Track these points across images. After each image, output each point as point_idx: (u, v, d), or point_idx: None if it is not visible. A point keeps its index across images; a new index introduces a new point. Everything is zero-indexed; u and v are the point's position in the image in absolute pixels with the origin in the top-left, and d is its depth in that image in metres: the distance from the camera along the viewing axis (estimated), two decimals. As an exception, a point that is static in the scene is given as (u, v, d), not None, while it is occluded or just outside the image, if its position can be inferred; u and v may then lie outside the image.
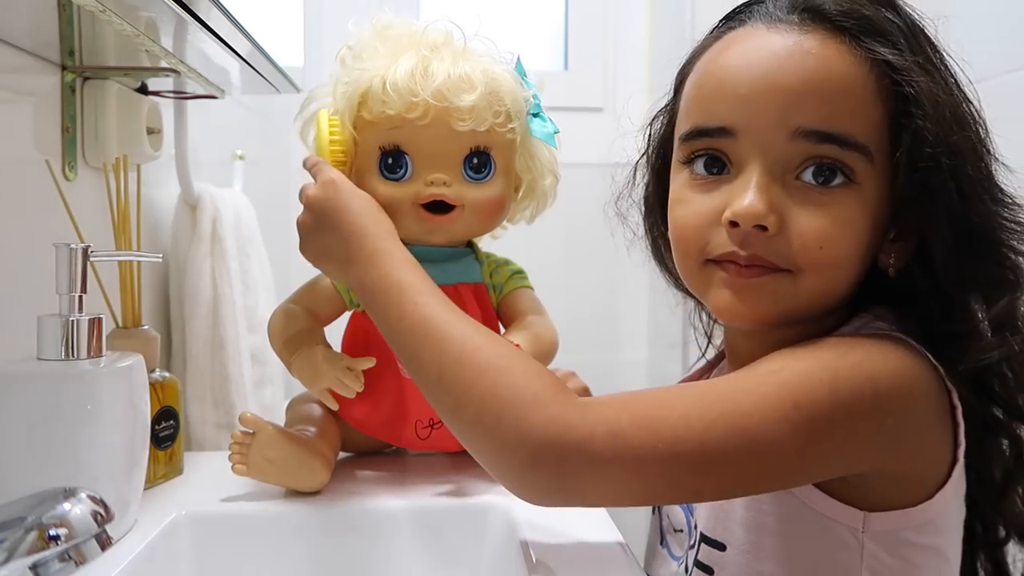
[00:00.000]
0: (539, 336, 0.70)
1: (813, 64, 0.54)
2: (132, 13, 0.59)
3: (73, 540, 0.37)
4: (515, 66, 0.70)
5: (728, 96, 0.56)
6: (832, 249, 0.55)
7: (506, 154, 0.70)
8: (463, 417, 0.52)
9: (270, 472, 0.64)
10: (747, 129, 0.55)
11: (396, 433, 0.73)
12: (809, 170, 0.54)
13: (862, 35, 0.55)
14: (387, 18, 0.69)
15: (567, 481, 0.49)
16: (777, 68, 0.55)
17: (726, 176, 0.57)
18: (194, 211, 0.88)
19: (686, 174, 0.59)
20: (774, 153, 0.55)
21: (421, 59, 0.65)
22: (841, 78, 0.54)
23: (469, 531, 0.63)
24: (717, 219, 0.56)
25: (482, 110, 0.65)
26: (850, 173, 0.54)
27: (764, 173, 0.54)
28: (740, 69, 0.56)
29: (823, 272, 0.55)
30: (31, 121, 0.67)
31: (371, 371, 0.67)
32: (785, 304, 0.56)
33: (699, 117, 0.58)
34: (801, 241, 0.54)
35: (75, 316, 0.53)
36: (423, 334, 0.54)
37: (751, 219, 0.54)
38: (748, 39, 0.57)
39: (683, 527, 0.65)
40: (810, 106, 0.54)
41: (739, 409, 0.50)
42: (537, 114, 0.70)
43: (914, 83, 0.54)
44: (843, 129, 0.53)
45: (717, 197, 0.56)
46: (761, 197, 0.54)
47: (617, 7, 1.79)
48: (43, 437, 0.51)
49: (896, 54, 0.54)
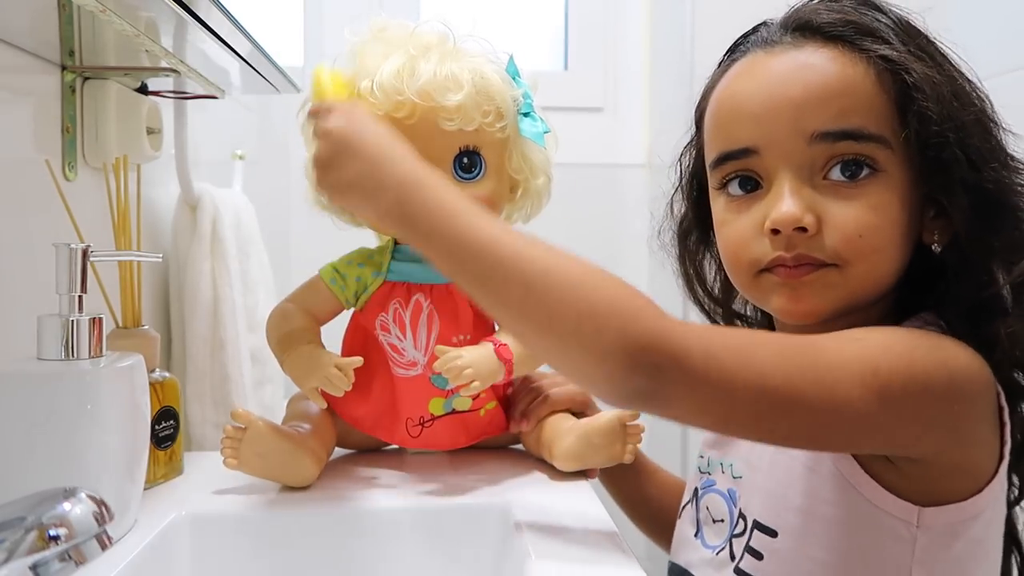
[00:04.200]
0: None
1: (813, 73, 0.59)
2: (132, 13, 0.59)
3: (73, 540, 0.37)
4: (507, 66, 0.70)
5: (744, 119, 0.61)
6: (871, 236, 0.58)
7: (497, 153, 0.70)
8: (558, 329, 0.50)
9: (260, 466, 0.64)
10: (768, 144, 0.60)
11: (389, 431, 0.73)
12: (835, 168, 0.59)
13: (854, 37, 0.60)
14: (383, 20, 0.70)
15: (660, 388, 0.49)
16: (782, 84, 0.60)
17: (760, 192, 0.62)
18: (194, 211, 0.88)
19: (723, 198, 0.64)
20: (797, 160, 0.59)
21: (408, 59, 0.66)
22: (842, 79, 0.59)
23: (469, 531, 0.63)
24: (759, 232, 0.60)
25: (470, 109, 0.66)
26: (873, 163, 0.59)
27: (793, 180, 0.59)
28: (749, 92, 0.62)
29: (867, 259, 0.59)
30: (31, 121, 0.67)
31: (365, 369, 0.68)
32: (839, 294, 0.60)
33: (722, 144, 0.63)
34: (840, 233, 0.58)
35: (75, 316, 0.53)
36: (495, 255, 0.51)
37: (790, 223, 0.58)
38: (751, 66, 0.63)
39: (724, 517, 0.67)
40: (819, 110, 0.58)
41: (822, 361, 0.52)
42: (528, 113, 0.70)
43: (910, 70, 0.58)
44: (854, 125, 0.58)
45: (756, 212, 0.61)
46: (794, 201, 0.58)
47: (617, 7, 1.79)
48: (43, 437, 0.51)
49: (889, 47, 0.59)
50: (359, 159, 0.56)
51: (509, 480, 0.69)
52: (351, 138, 0.57)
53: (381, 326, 0.71)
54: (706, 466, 0.71)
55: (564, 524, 0.60)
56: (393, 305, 0.70)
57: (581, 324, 0.50)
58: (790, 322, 0.63)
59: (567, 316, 0.50)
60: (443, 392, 0.71)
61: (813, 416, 0.52)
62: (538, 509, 0.62)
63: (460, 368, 0.63)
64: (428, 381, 0.70)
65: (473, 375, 0.64)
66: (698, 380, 0.49)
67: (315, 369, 0.66)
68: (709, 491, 0.69)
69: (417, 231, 0.54)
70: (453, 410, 0.72)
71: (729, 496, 0.67)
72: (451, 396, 0.71)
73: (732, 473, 0.67)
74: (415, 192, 0.54)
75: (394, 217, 0.55)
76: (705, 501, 0.69)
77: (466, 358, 0.64)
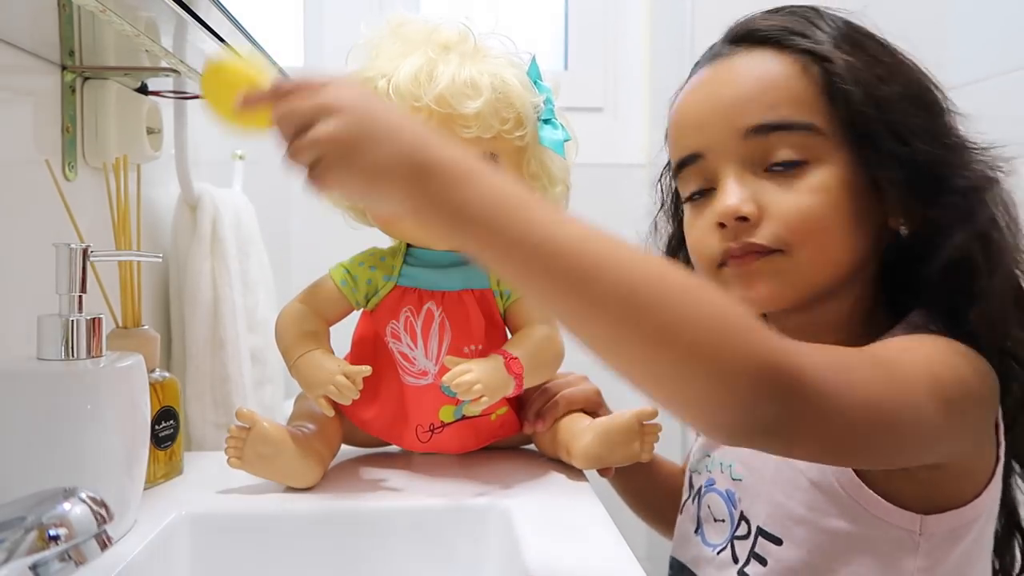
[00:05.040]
0: (540, 349, 0.69)
1: (744, 72, 0.62)
2: (132, 13, 0.59)
3: (73, 540, 0.37)
4: (528, 68, 0.68)
5: (688, 127, 0.65)
6: (813, 219, 0.60)
7: (515, 161, 0.68)
8: (672, 346, 0.41)
9: (263, 467, 0.64)
10: (708, 146, 0.62)
11: (398, 435, 0.73)
12: (777, 162, 0.60)
13: (782, 37, 0.62)
14: (401, 15, 0.67)
15: (788, 417, 0.44)
16: (716, 87, 0.63)
17: (710, 194, 0.64)
18: (194, 211, 0.88)
19: (688, 206, 0.67)
20: (736, 156, 0.61)
21: (427, 61, 0.64)
22: (769, 75, 0.61)
23: (469, 531, 0.63)
24: (712, 229, 0.63)
25: (488, 116, 0.64)
26: (808, 150, 0.60)
27: (734, 175, 0.61)
28: (691, 102, 0.65)
29: (812, 242, 0.60)
30: (31, 121, 0.67)
31: (374, 372, 0.67)
32: (791, 280, 0.61)
33: (676, 153, 0.66)
34: (781, 218, 0.60)
35: (75, 316, 0.53)
36: (589, 256, 0.42)
37: (731, 214, 0.60)
38: (697, 80, 0.66)
39: (724, 517, 0.68)
40: (748, 107, 0.61)
41: (898, 374, 0.51)
42: (548, 120, 0.68)
43: (833, 58, 0.60)
44: (781, 116, 0.60)
45: (708, 212, 0.63)
46: (733, 193, 0.60)
47: (617, 7, 1.79)
48: (43, 437, 0.51)
49: (811, 42, 0.61)
50: (393, 138, 0.44)
51: (512, 481, 0.69)
52: (376, 113, 0.45)
53: (392, 334, 0.70)
54: (710, 465, 0.71)
55: (565, 524, 0.60)
56: (404, 313, 0.69)
57: (702, 339, 0.41)
58: (759, 310, 0.64)
59: (684, 330, 0.41)
60: (453, 400, 0.70)
61: (899, 432, 0.50)
62: (539, 509, 0.62)
63: (469, 384, 0.63)
64: (439, 390, 0.69)
65: (482, 390, 0.63)
66: (819, 408, 0.45)
67: (323, 376, 0.65)
68: (710, 490, 0.70)
69: (476, 224, 0.43)
70: (464, 416, 0.72)
71: (728, 497, 0.68)
72: (461, 403, 0.69)
73: (731, 474, 0.68)
74: (472, 177, 0.43)
75: (442, 208, 0.44)
76: (706, 500, 0.70)
77: (475, 372, 0.63)
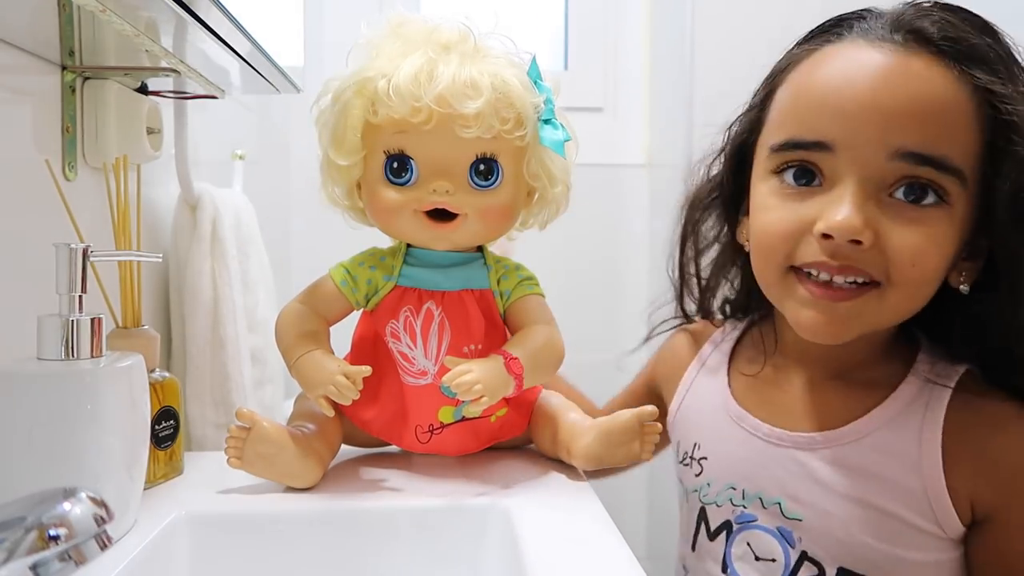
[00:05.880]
0: (540, 350, 0.69)
1: (917, 86, 0.55)
2: (132, 13, 0.59)
3: (73, 540, 0.37)
4: (529, 68, 0.68)
5: (829, 111, 0.57)
6: (923, 266, 0.56)
7: (515, 160, 0.68)
8: None
9: (263, 467, 0.64)
10: (846, 145, 0.56)
11: (398, 436, 0.73)
12: (901, 188, 0.55)
13: (964, 61, 0.55)
14: (401, 15, 0.67)
15: None
16: (882, 87, 0.55)
17: (817, 188, 0.58)
18: (194, 211, 0.88)
19: (774, 183, 0.60)
20: (871, 170, 0.55)
21: (427, 61, 0.63)
22: (943, 102, 0.55)
23: (469, 531, 0.63)
24: (806, 229, 0.57)
25: (488, 116, 0.63)
26: (943, 195, 0.55)
27: (859, 189, 0.55)
28: (843, 85, 0.56)
29: (911, 288, 0.57)
30: (31, 121, 0.67)
31: (374, 372, 0.67)
32: (869, 322, 0.59)
33: (796, 129, 0.59)
34: (895, 255, 0.56)
35: (75, 316, 0.53)
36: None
37: (848, 233, 0.55)
38: (849, 54, 0.58)
39: (776, 557, 0.64)
40: (912, 128, 0.54)
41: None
42: (548, 120, 0.67)
43: (1016, 112, 0.54)
44: (942, 153, 0.54)
45: (808, 207, 0.57)
46: (857, 212, 0.55)
47: (617, 7, 1.79)
48: (43, 437, 0.51)
49: (998, 82, 0.55)
50: None
51: (512, 481, 0.69)
52: None
53: (391, 334, 0.70)
54: (737, 499, 0.68)
55: (565, 524, 0.60)
56: (404, 313, 0.69)
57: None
58: (805, 337, 0.61)
59: None
60: (453, 400, 0.69)
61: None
62: (539, 509, 0.62)
63: (469, 384, 0.62)
64: (438, 390, 0.69)
65: (482, 391, 0.63)
66: None
67: (322, 377, 0.65)
68: (750, 527, 0.66)
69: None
70: (463, 418, 0.71)
71: (782, 535, 0.64)
72: (461, 404, 0.69)
73: (784, 512, 0.65)
74: None
75: None
76: (743, 537, 0.66)
77: (475, 373, 0.63)
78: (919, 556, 0.61)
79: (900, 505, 0.61)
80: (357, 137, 0.66)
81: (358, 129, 0.66)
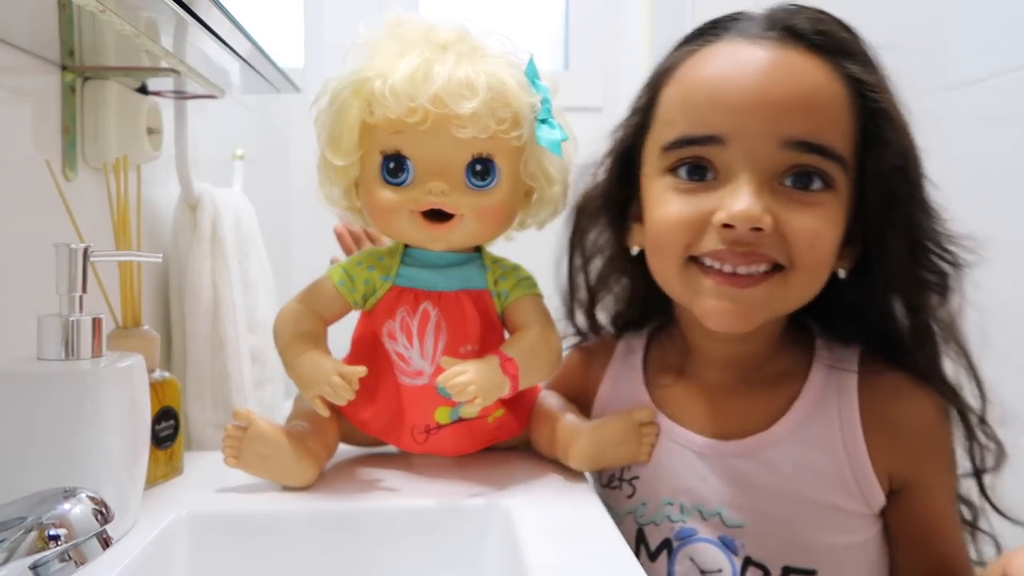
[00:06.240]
0: (536, 350, 0.69)
1: (799, 78, 0.58)
2: (132, 13, 0.59)
3: (73, 540, 0.37)
4: (527, 68, 0.68)
5: (719, 105, 0.59)
6: (821, 247, 0.59)
7: (512, 161, 0.67)
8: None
9: (259, 466, 0.64)
10: (738, 137, 0.58)
11: (395, 436, 0.73)
12: (791, 176, 0.58)
13: (836, 54, 0.59)
14: (399, 15, 0.67)
15: None
16: (768, 80, 0.58)
17: (711, 182, 0.60)
18: (194, 211, 0.88)
19: (668, 180, 0.62)
20: (762, 160, 0.58)
21: (423, 61, 0.63)
22: (823, 92, 0.58)
23: (469, 531, 0.63)
24: (705, 220, 0.59)
25: (484, 116, 0.63)
26: (829, 180, 0.59)
27: (754, 178, 0.58)
28: (730, 80, 0.59)
29: (812, 270, 0.60)
30: (31, 121, 0.67)
31: (372, 372, 0.67)
32: (774, 307, 0.61)
33: (687, 126, 0.60)
34: (794, 238, 0.58)
35: (75, 316, 0.53)
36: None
37: (749, 221, 0.57)
38: (731, 51, 0.61)
39: (722, 567, 0.64)
40: (798, 118, 0.57)
41: None
42: (545, 120, 0.67)
43: (883, 99, 0.59)
44: (826, 140, 0.58)
45: (703, 201, 0.59)
46: (756, 200, 0.57)
47: (617, 7, 1.79)
48: (43, 437, 0.51)
49: (866, 73, 0.59)
50: None
51: (511, 481, 0.69)
52: None
53: (388, 334, 0.70)
54: (678, 513, 0.67)
55: (565, 524, 0.60)
56: (400, 313, 0.69)
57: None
58: (714, 329, 0.62)
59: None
60: (449, 401, 0.69)
61: None
62: (539, 509, 0.62)
63: (464, 385, 0.62)
64: (434, 390, 0.68)
65: (477, 392, 0.62)
66: None
67: (318, 377, 0.65)
68: (692, 541, 0.66)
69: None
70: (460, 418, 0.71)
71: (724, 544, 0.65)
72: (457, 405, 0.69)
73: (725, 521, 0.65)
74: None
75: None
76: (686, 552, 0.66)
77: (470, 374, 0.63)
78: (853, 539, 0.65)
79: (833, 493, 0.63)
80: (354, 137, 0.66)
81: (355, 129, 0.66)
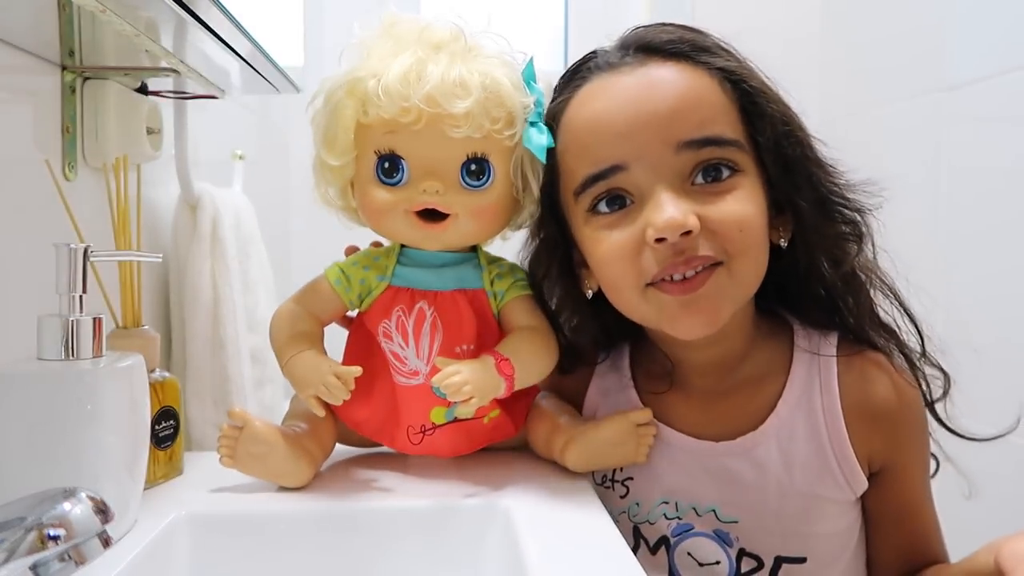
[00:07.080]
0: (532, 350, 0.69)
1: (670, 85, 0.61)
2: (132, 13, 0.59)
3: (73, 540, 0.37)
4: (524, 69, 0.68)
5: (609, 138, 0.62)
6: (749, 228, 0.61)
7: (506, 160, 0.67)
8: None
9: (254, 466, 0.64)
10: (636, 159, 0.61)
11: (390, 437, 0.73)
12: (699, 174, 0.61)
13: (693, 53, 0.63)
14: (394, 15, 0.67)
15: None
16: (643, 98, 0.61)
17: (631, 208, 0.62)
18: (194, 211, 0.89)
19: (593, 221, 0.64)
20: (666, 169, 0.60)
21: (417, 60, 0.63)
22: (696, 90, 0.61)
23: (469, 531, 0.63)
24: (639, 243, 0.61)
25: (478, 116, 0.63)
26: (733, 164, 0.61)
27: (666, 188, 0.60)
28: (610, 111, 0.62)
29: (749, 254, 0.62)
30: (31, 121, 0.67)
31: (367, 372, 0.67)
32: (731, 297, 0.62)
33: (589, 166, 0.63)
34: (723, 228, 0.60)
35: (75, 316, 0.53)
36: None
37: (677, 228, 0.59)
38: (602, 86, 0.64)
39: (719, 559, 0.67)
40: (683, 120, 0.60)
41: None
42: (535, 123, 0.67)
43: (750, 78, 0.63)
44: (716, 131, 0.61)
45: (632, 226, 0.61)
46: (676, 207, 0.59)
47: (617, 7, 1.79)
48: (43, 437, 0.51)
49: (724, 60, 0.63)
50: None
51: (510, 481, 0.69)
52: None
53: (384, 334, 0.69)
54: (674, 511, 0.69)
55: (565, 524, 0.60)
56: (396, 312, 0.69)
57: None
58: (686, 338, 0.63)
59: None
60: (445, 401, 0.69)
61: None
62: (539, 509, 0.62)
63: (458, 385, 0.62)
64: (430, 390, 0.68)
65: (472, 392, 0.62)
66: None
67: (314, 377, 0.65)
68: (689, 536, 0.68)
69: None
70: (455, 419, 0.71)
71: (719, 537, 0.68)
72: (453, 405, 0.68)
73: (719, 517, 0.68)
74: None
75: None
76: (684, 547, 0.68)
77: (465, 374, 0.63)
78: (839, 525, 0.67)
79: (821, 485, 0.66)
80: (349, 137, 0.66)
81: (350, 129, 0.66)
